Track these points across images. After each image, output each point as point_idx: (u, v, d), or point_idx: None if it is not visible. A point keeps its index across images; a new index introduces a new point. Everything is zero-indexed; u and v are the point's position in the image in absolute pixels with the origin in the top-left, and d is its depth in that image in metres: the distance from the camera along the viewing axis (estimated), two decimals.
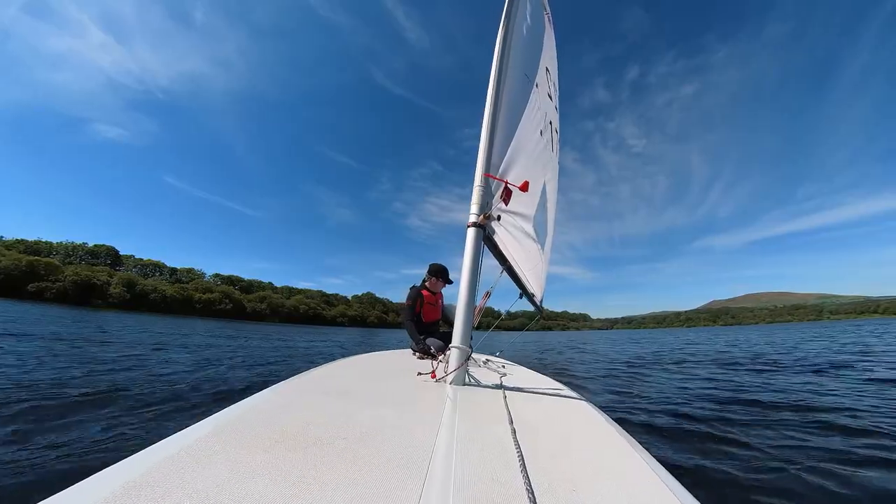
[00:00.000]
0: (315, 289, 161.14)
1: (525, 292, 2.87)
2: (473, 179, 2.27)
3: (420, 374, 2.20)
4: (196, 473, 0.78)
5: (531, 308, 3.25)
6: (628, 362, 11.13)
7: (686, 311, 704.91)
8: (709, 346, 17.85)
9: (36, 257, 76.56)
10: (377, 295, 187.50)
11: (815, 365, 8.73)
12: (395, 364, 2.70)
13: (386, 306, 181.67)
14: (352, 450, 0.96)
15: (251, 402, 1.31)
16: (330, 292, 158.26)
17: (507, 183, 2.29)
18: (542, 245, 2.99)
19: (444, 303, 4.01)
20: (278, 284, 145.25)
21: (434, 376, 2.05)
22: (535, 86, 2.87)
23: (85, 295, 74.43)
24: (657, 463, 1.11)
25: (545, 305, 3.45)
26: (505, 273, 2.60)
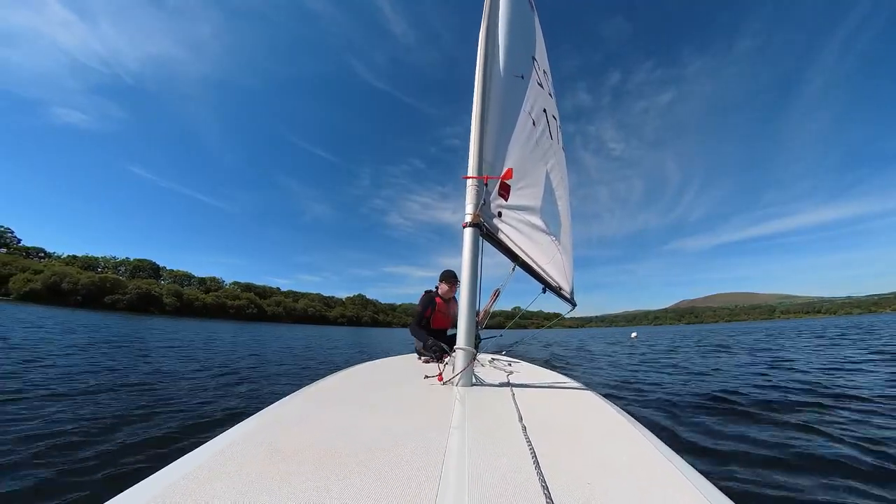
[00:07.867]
0: (289, 288, 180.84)
1: (549, 286, 2.79)
2: (467, 179, 2.23)
3: (427, 377, 2.21)
4: (213, 491, 0.80)
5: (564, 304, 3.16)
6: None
7: (655, 311, 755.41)
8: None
9: (103, 274, 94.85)
10: (367, 296, 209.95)
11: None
12: (401, 370, 2.70)
13: (377, 307, 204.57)
14: (364, 459, 0.98)
15: (261, 417, 1.33)
16: (305, 291, 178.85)
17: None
18: (557, 235, 2.87)
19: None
20: (242, 281, 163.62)
21: (441, 379, 2.06)
22: (521, 76, 2.84)
23: (145, 305, 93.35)
24: (671, 450, 1.11)
25: (577, 297, 3.32)
26: (519, 269, 2.58)
